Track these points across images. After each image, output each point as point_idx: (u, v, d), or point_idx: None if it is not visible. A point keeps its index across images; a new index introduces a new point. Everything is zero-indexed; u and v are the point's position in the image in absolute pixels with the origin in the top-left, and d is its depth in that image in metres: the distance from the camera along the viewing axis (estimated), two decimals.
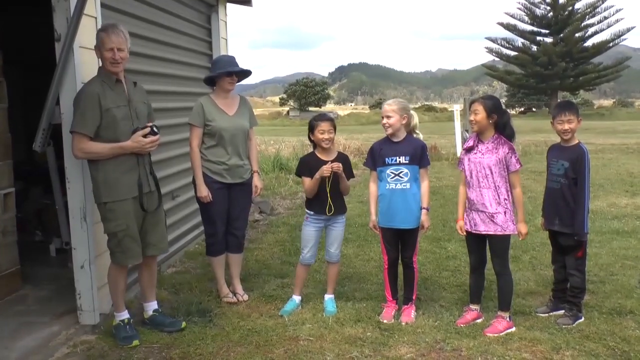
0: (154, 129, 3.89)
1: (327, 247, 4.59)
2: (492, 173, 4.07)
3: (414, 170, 4.29)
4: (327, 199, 4.38)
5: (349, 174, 4.51)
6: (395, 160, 4.28)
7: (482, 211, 4.11)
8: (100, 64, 3.95)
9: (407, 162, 4.27)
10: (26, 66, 6.22)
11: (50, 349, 3.85)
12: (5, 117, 4.76)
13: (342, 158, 4.52)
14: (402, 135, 4.34)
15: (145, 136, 3.86)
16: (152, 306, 4.27)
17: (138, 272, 4.35)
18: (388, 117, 4.26)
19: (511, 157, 4.06)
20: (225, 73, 4.66)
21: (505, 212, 4.07)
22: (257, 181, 4.88)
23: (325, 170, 4.27)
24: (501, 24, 55.22)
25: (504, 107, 4.27)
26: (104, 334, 4.10)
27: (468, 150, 4.22)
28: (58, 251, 5.84)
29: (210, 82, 4.83)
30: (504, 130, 4.12)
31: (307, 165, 4.47)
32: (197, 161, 4.63)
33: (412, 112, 4.39)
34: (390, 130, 4.29)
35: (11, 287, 4.78)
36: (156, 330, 4.14)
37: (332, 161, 4.39)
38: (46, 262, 5.71)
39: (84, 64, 4.13)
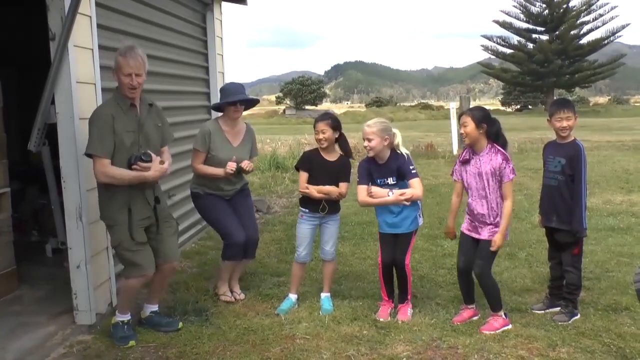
0: (142, 157, 3.80)
1: (322, 245, 4.59)
2: (488, 184, 4.07)
3: (404, 185, 4.25)
4: (321, 202, 4.39)
5: (345, 179, 4.49)
6: (384, 182, 4.28)
7: (484, 221, 4.11)
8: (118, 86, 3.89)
9: (394, 182, 4.26)
10: (20, 66, 6.20)
11: (47, 349, 3.85)
12: (0, 117, 4.75)
13: (342, 161, 4.50)
14: (386, 155, 4.27)
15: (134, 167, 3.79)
16: (151, 308, 4.27)
17: (152, 276, 4.31)
18: (369, 140, 4.18)
19: (505, 167, 4.02)
20: (227, 103, 4.63)
21: (498, 221, 4.08)
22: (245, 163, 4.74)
23: (313, 195, 4.34)
24: (497, 22, 55.32)
25: (492, 116, 4.23)
26: (100, 333, 4.10)
27: (463, 162, 4.21)
28: (54, 251, 5.82)
29: (219, 110, 4.81)
30: (497, 140, 4.11)
31: (308, 160, 4.48)
32: (204, 169, 4.65)
33: (394, 130, 4.27)
34: (372, 153, 4.24)
35: (7, 288, 4.77)
36: (152, 330, 4.13)
37: (333, 163, 4.42)
38: (42, 262, 5.69)
39: (79, 63, 4.12)
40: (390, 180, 4.25)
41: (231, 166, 4.52)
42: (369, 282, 5.09)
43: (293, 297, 4.61)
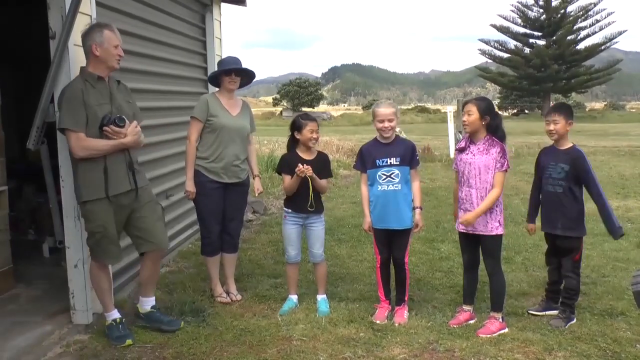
0: (117, 121, 3.78)
1: (309, 248, 4.60)
2: (481, 173, 4.09)
3: (405, 171, 4.31)
4: (309, 196, 4.39)
5: (327, 174, 4.55)
6: (386, 162, 4.30)
7: (469, 210, 4.13)
8: (87, 63, 3.89)
9: (398, 163, 4.29)
10: (19, 64, 6.19)
11: (43, 349, 3.83)
12: None
13: (321, 158, 4.57)
14: (393, 136, 4.37)
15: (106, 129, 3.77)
16: (149, 302, 4.23)
17: (140, 265, 4.31)
18: (390, 120, 4.28)
19: (501, 158, 4.07)
20: (223, 71, 4.69)
21: (492, 213, 4.09)
22: (258, 184, 4.92)
23: (299, 171, 4.31)
24: (494, 26, 55.49)
25: (496, 109, 4.31)
26: (97, 333, 4.08)
27: (460, 150, 4.26)
28: (51, 250, 5.81)
29: (215, 82, 4.84)
30: (495, 132, 4.15)
31: (288, 163, 4.50)
32: (191, 156, 4.64)
33: None
34: (390, 133, 4.31)
35: (4, 286, 4.75)
36: (150, 330, 4.12)
37: (313, 161, 4.44)
38: (39, 261, 5.69)
39: (79, 61, 4.10)
40: (394, 161, 4.28)
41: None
42: (365, 285, 5.09)
43: (294, 297, 4.63)
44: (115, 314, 4.04)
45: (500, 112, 4.29)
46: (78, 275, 4.17)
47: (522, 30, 55.74)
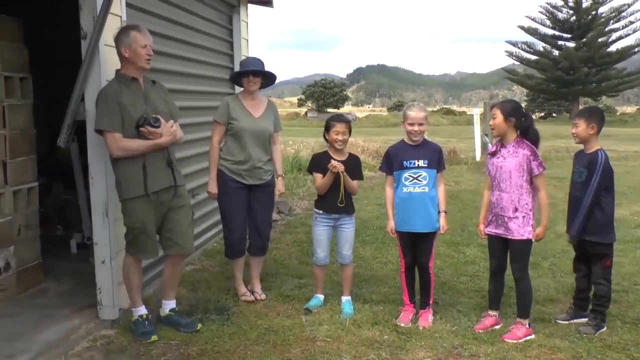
0: (152, 122, 3.86)
1: (338, 249, 4.60)
2: (511, 177, 4.04)
3: (432, 174, 4.29)
4: (339, 195, 4.38)
5: (358, 176, 4.53)
6: (414, 164, 4.28)
7: (500, 215, 4.09)
8: (120, 65, 3.98)
9: (425, 165, 4.27)
10: (50, 63, 6.28)
11: (71, 343, 3.90)
12: (30, 113, 4.83)
13: (352, 159, 4.55)
14: (421, 139, 4.35)
15: (142, 129, 3.85)
16: (169, 305, 4.28)
17: (164, 268, 4.38)
18: (420, 124, 4.26)
19: (532, 161, 4.01)
20: (241, 73, 4.70)
21: (523, 217, 4.04)
22: (280, 185, 4.92)
23: (332, 167, 4.31)
24: (522, 28, 54.76)
25: (524, 110, 4.25)
26: (123, 329, 4.13)
27: (492, 154, 4.23)
28: (79, 246, 5.90)
29: (237, 83, 4.87)
30: (526, 134, 4.10)
31: (319, 162, 4.51)
32: (214, 157, 4.68)
33: None
34: (419, 137, 4.30)
35: (33, 280, 4.84)
36: (173, 328, 4.16)
37: (344, 162, 4.43)
38: (67, 257, 5.78)
39: (109, 61, 4.17)
40: (421, 163, 4.26)
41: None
42: (390, 287, 5.07)
43: (320, 296, 4.64)
44: (142, 310, 4.09)
45: (529, 112, 4.25)
46: (105, 271, 4.23)
47: (550, 32, 54.94)
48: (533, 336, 4.03)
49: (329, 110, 59.79)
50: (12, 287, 4.58)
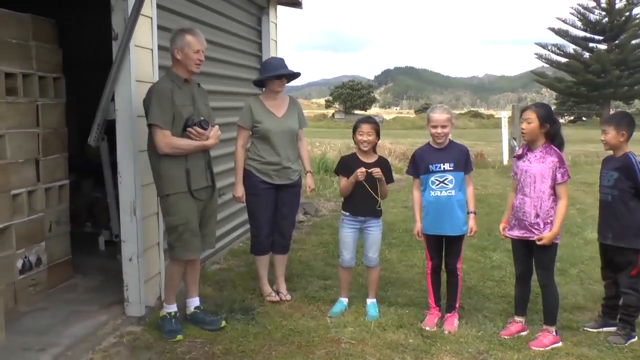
0: (202, 124, 3.97)
1: (364, 252, 4.59)
2: (536, 182, 3.99)
3: (459, 176, 4.25)
4: (373, 197, 4.38)
5: (388, 179, 4.51)
6: (440, 167, 4.25)
7: (522, 219, 4.04)
8: (172, 65, 4.07)
9: (451, 168, 4.24)
10: (81, 64, 6.36)
11: (98, 338, 3.96)
12: (62, 112, 4.92)
13: (381, 162, 4.53)
14: (447, 141, 4.31)
15: (190, 130, 3.95)
16: (194, 302, 4.33)
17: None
18: (444, 126, 4.23)
19: (559, 169, 3.96)
20: (274, 76, 4.70)
21: (544, 224, 3.97)
22: (310, 181, 4.94)
23: (359, 174, 4.28)
24: (552, 30, 53.91)
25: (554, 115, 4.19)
26: (149, 326, 4.18)
27: (518, 157, 4.17)
28: (107, 243, 5.98)
29: (259, 83, 4.89)
30: (553, 140, 4.04)
31: (346, 165, 4.51)
32: (240, 161, 4.71)
33: None
34: (443, 139, 4.26)
35: (63, 276, 4.93)
36: (198, 327, 4.20)
37: (372, 164, 4.40)
38: (95, 253, 5.86)
39: (139, 62, 4.24)
40: (447, 166, 4.24)
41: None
42: (415, 290, 5.05)
43: (344, 300, 4.63)
44: (173, 308, 4.13)
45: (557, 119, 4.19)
46: (132, 268, 4.28)
47: (581, 33, 54.00)
48: (560, 344, 3.97)
49: (356, 112, 59.73)
50: (43, 282, 4.66)
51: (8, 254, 4.29)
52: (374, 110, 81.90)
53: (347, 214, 4.53)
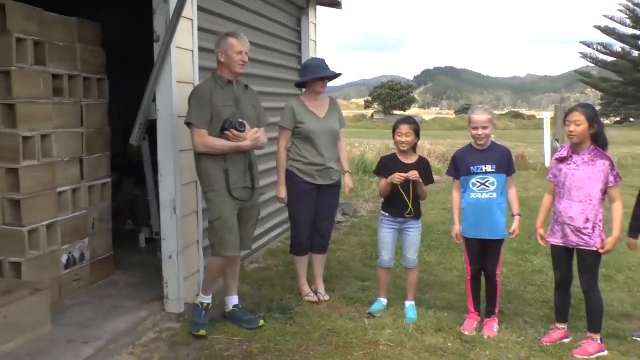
0: (237, 126, 3.97)
1: (403, 253, 4.55)
2: (584, 186, 3.86)
3: (501, 179, 4.17)
4: (406, 202, 4.34)
5: (429, 180, 4.47)
6: (481, 169, 4.18)
7: (569, 224, 3.91)
8: (217, 67, 4.13)
9: (493, 170, 4.16)
10: (124, 65, 6.48)
11: (138, 333, 4.04)
12: (105, 112, 5.02)
13: (422, 163, 4.49)
14: (488, 143, 4.24)
15: (227, 132, 3.98)
16: (232, 301, 4.37)
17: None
18: (484, 127, 4.15)
19: (611, 172, 3.83)
20: (317, 78, 4.70)
21: (594, 229, 3.85)
22: (348, 181, 4.93)
23: (397, 179, 4.25)
24: (598, 28, 52.50)
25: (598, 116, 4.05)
26: (188, 323, 4.22)
27: (560, 160, 4.03)
28: (147, 240, 6.07)
29: (301, 85, 4.90)
30: (597, 140, 3.91)
31: (386, 165, 4.48)
32: (282, 163, 4.71)
33: None
34: (484, 141, 4.19)
35: (105, 272, 5.03)
36: (236, 325, 4.23)
37: (412, 165, 4.36)
38: (136, 250, 5.96)
39: (180, 63, 4.29)
40: (489, 168, 4.16)
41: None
42: (454, 294, 4.97)
43: (383, 300, 4.61)
44: (207, 299, 4.17)
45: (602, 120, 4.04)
46: (172, 266, 4.34)
47: (630, 31, 52.39)
48: (606, 352, 3.85)
49: (395, 112, 59.41)
50: (86, 278, 4.77)
51: (54, 249, 4.41)
52: (413, 111, 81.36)
53: (387, 214, 4.50)
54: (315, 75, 4.69)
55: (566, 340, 4.04)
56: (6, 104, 4.10)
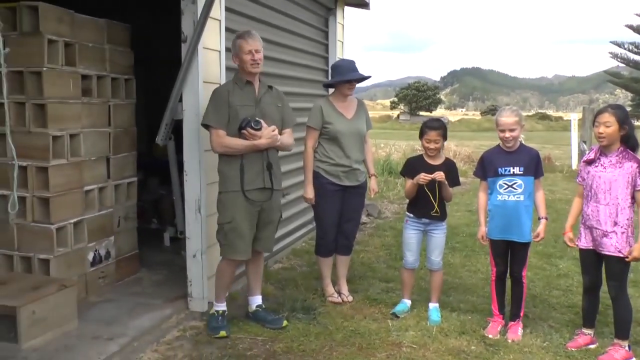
0: (252, 124, 3.95)
1: (428, 255, 4.54)
2: (611, 189, 3.78)
3: (529, 181, 4.12)
4: (432, 202, 4.33)
5: (454, 181, 4.44)
6: (509, 171, 4.13)
7: (596, 228, 3.85)
8: (238, 70, 4.15)
9: (521, 172, 4.11)
10: (150, 65, 6.55)
11: (162, 331, 4.08)
12: (132, 112, 5.08)
13: (448, 164, 4.46)
14: (517, 145, 4.19)
15: (243, 131, 3.97)
16: (256, 301, 4.38)
17: (245, 265, 4.48)
18: (512, 130, 4.10)
19: (639, 175, 3.73)
20: (345, 81, 4.68)
21: (623, 233, 3.76)
22: (373, 184, 4.92)
23: (422, 179, 4.24)
24: (630, 27, 51.37)
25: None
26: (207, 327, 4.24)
27: (588, 162, 3.97)
28: (172, 239, 6.13)
29: (329, 85, 4.89)
30: (627, 142, 3.82)
31: (412, 166, 4.46)
32: (309, 162, 4.70)
33: None
34: (512, 143, 4.13)
35: (130, 270, 5.09)
36: (259, 324, 4.24)
37: (438, 167, 4.34)
38: (160, 249, 6.01)
39: (207, 64, 4.32)
40: (517, 170, 4.11)
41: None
42: (478, 297, 4.94)
43: (407, 302, 4.60)
44: (221, 307, 4.19)
45: (632, 121, 3.96)
46: (196, 265, 4.38)
47: None
48: (634, 359, 3.79)
49: (421, 113, 59.12)
50: (112, 275, 4.83)
51: (81, 246, 4.48)
52: (439, 112, 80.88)
53: (411, 215, 4.49)
54: (343, 78, 4.68)
55: (592, 346, 3.98)
56: (37, 103, 4.17)
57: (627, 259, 3.76)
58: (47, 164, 4.19)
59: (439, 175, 4.25)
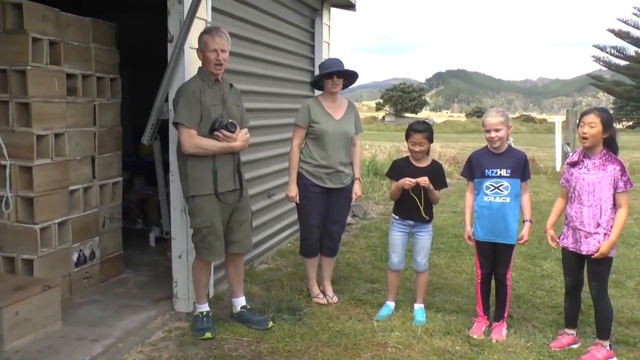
0: (229, 126, 3.91)
1: (414, 256, 4.55)
2: (595, 191, 3.82)
3: (515, 184, 4.15)
4: (417, 206, 4.34)
5: (442, 184, 4.46)
6: (496, 173, 4.16)
7: (579, 229, 3.89)
8: (201, 65, 4.07)
9: (508, 175, 4.14)
10: (138, 65, 6.53)
11: (148, 332, 4.06)
12: (118, 112, 5.05)
13: (435, 167, 4.48)
14: (504, 146, 4.22)
15: (217, 133, 3.90)
16: (240, 302, 4.36)
17: (225, 269, 4.46)
18: (497, 130, 4.12)
19: (621, 177, 3.78)
20: (325, 75, 4.66)
21: (605, 235, 3.81)
22: (357, 188, 4.87)
23: (407, 184, 4.26)
24: (612, 31, 52.13)
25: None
26: (192, 330, 4.22)
27: (572, 164, 4.01)
28: (157, 240, 6.12)
29: (317, 85, 4.88)
30: (610, 145, 3.87)
31: (399, 168, 4.48)
32: (294, 161, 4.68)
33: None
34: (498, 144, 4.16)
35: (115, 270, 5.07)
36: (245, 325, 4.23)
37: (425, 169, 4.36)
38: (146, 249, 6.00)
39: (193, 64, 4.30)
40: (504, 172, 4.14)
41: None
42: (463, 297, 4.97)
43: (391, 304, 4.61)
44: (204, 307, 4.16)
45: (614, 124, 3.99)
46: (182, 265, 4.37)
47: None
48: (615, 359, 3.83)
49: (407, 115, 59.33)
50: (96, 276, 4.81)
51: (65, 247, 4.45)
52: (424, 113, 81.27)
53: (397, 217, 4.51)
54: (327, 70, 4.65)
55: (575, 346, 4.02)
56: (21, 102, 4.14)
57: (592, 256, 3.80)
58: (31, 163, 4.15)
59: (423, 181, 4.25)
